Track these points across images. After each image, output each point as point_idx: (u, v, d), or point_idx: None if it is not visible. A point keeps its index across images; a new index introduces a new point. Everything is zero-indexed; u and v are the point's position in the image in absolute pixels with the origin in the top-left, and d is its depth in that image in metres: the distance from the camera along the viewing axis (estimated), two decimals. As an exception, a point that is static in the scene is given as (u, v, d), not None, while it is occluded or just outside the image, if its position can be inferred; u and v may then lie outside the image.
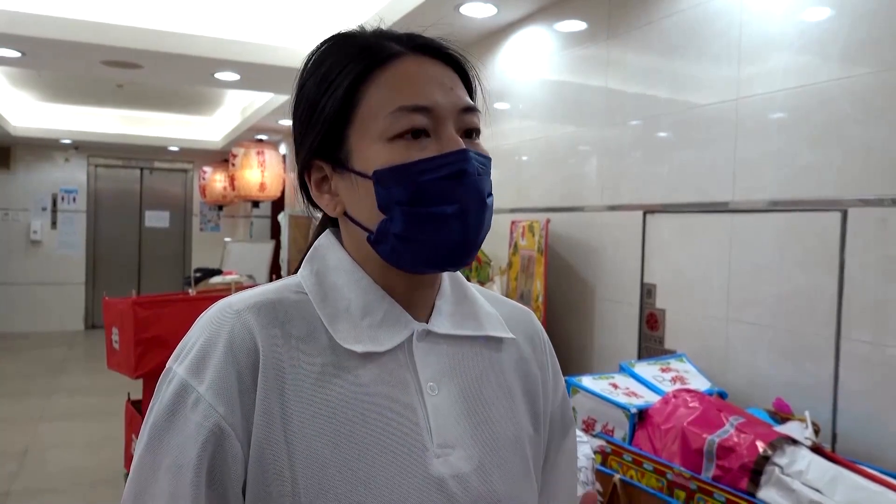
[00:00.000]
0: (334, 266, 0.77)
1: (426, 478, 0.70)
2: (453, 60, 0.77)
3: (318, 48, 0.78)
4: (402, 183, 0.70)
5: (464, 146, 0.72)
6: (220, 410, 0.66)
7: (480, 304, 0.83)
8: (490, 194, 0.75)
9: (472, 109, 0.76)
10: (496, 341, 0.82)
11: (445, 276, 0.82)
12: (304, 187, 0.80)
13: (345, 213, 0.76)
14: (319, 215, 0.83)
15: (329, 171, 0.76)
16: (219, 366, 0.68)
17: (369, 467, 0.69)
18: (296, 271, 0.81)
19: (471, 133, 0.76)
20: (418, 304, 0.78)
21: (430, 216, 0.70)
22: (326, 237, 0.80)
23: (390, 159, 0.71)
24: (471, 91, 0.79)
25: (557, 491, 0.88)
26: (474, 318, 0.81)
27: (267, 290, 0.76)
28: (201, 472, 0.66)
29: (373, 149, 0.72)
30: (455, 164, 0.71)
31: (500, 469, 0.75)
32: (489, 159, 0.76)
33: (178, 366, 0.70)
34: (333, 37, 0.78)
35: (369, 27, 0.79)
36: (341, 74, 0.73)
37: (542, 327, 0.91)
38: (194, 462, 0.66)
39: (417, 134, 0.71)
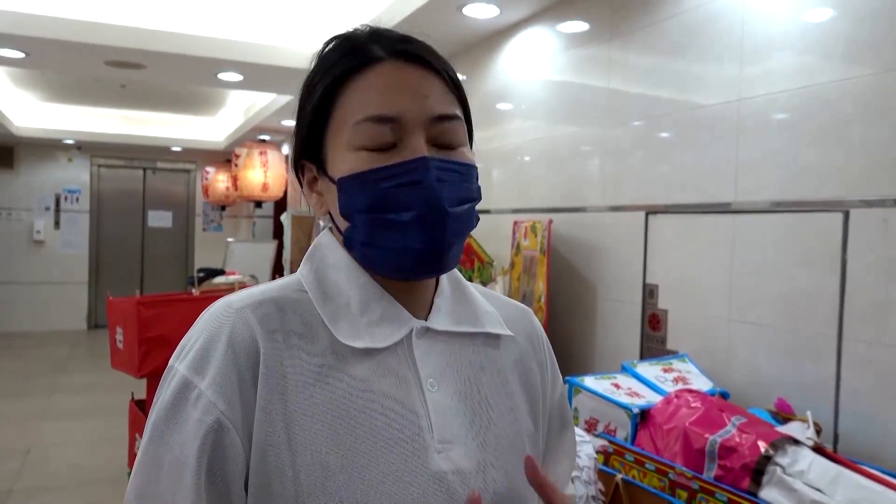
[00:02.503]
0: (333, 264, 0.78)
1: (427, 473, 0.71)
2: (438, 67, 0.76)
3: (321, 48, 0.79)
4: (361, 190, 0.71)
5: (425, 154, 0.71)
6: (221, 407, 0.67)
7: (479, 303, 0.84)
8: (465, 201, 0.73)
9: (445, 118, 0.73)
10: (494, 339, 0.83)
11: (443, 275, 0.83)
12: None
13: (329, 214, 0.78)
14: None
15: (316, 171, 0.78)
16: (219, 363, 0.69)
17: (370, 462, 0.69)
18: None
19: (444, 141, 0.73)
20: (417, 302, 0.78)
21: (387, 223, 0.71)
22: (326, 235, 0.81)
23: (353, 167, 0.72)
24: (462, 99, 0.78)
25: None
26: (473, 315, 0.82)
27: (267, 288, 0.77)
28: (202, 467, 0.67)
29: (340, 156, 0.73)
30: (411, 172, 0.70)
31: (500, 465, 0.76)
32: (464, 165, 0.74)
33: (179, 363, 0.71)
34: (332, 38, 0.79)
35: (372, 25, 0.80)
36: (323, 78, 0.75)
37: (540, 326, 0.92)
38: (195, 457, 0.67)
39: (384, 146, 0.71)
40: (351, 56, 0.74)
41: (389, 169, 0.71)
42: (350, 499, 0.68)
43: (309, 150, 0.77)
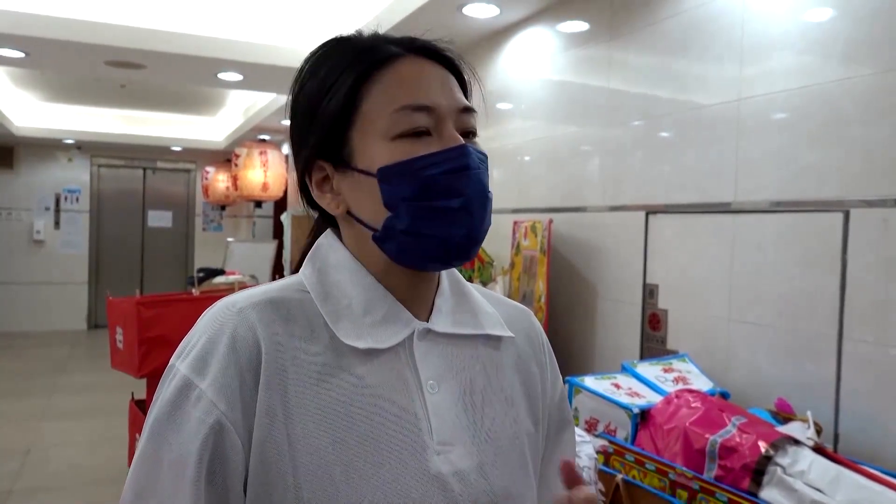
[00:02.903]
0: (335, 264, 0.77)
1: (426, 475, 0.71)
2: (450, 63, 0.79)
3: (316, 52, 0.79)
4: (407, 179, 0.72)
5: (464, 142, 0.74)
6: (222, 407, 0.67)
7: (479, 303, 0.84)
8: (488, 188, 0.77)
9: (469, 110, 0.77)
10: (495, 340, 0.83)
11: (444, 275, 0.83)
12: (304, 188, 0.81)
13: (348, 212, 0.77)
14: (316, 215, 0.84)
15: (330, 170, 0.77)
16: (221, 363, 0.69)
17: (370, 464, 0.69)
18: (296, 270, 0.82)
19: (468, 134, 0.77)
20: (418, 303, 0.78)
21: (436, 210, 0.72)
22: (327, 236, 0.81)
23: (394, 157, 0.72)
24: (466, 93, 0.80)
25: (553, 485, 0.89)
26: (473, 316, 0.82)
27: (269, 288, 0.76)
28: (202, 468, 0.66)
29: (376, 147, 0.73)
30: (458, 158, 0.72)
31: (499, 466, 0.76)
32: (486, 156, 0.78)
33: (180, 363, 0.71)
34: (331, 41, 0.79)
35: (367, 31, 0.80)
36: (342, 76, 0.75)
37: (540, 326, 0.92)
38: (195, 458, 0.66)
39: (420, 133, 0.73)
40: (368, 54, 0.75)
41: (436, 156, 0.72)
42: (350, 499, 0.68)
43: (324, 150, 0.77)
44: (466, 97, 0.80)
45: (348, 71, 0.74)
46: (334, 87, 0.75)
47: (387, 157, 0.72)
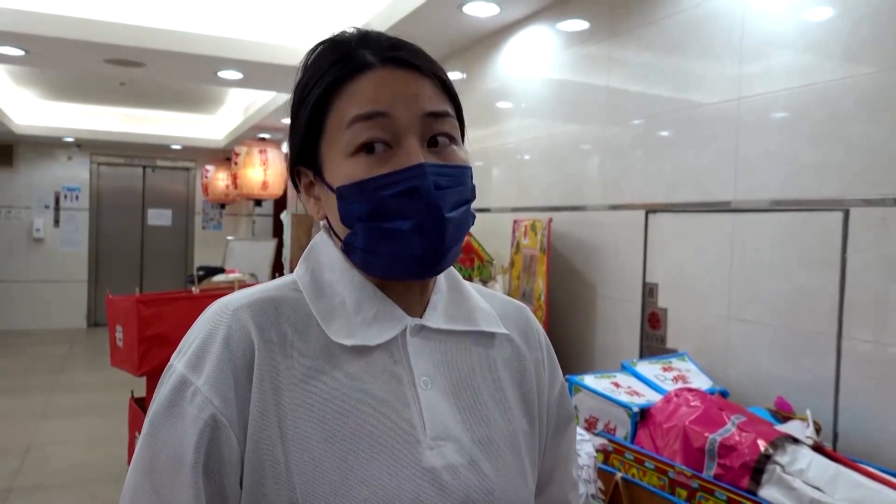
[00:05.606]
0: (328, 264, 0.78)
1: (419, 470, 0.72)
2: (427, 69, 0.76)
3: (310, 53, 0.80)
4: (361, 199, 0.72)
5: (421, 160, 0.71)
6: (216, 403, 0.68)
7: (475, 300, 0.84)
8: (461, 204, 0.74)
9: (438, 115, 0.74)
10: (489, 336, 0.83)
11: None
12: (297, 188, 0.83)
13: (326, 219, 0.79)
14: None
15: (312, 177, 0.79)
16: (216, 361, 0.70)
17: (363, 460, 0.70)
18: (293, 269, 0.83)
19: (437, 139, 0.74)
20: (413, 300, 0.79)
21: (388, 232, 0.71)
22: (321, 236, 0.82)
23: (351, 175, 0.72)
24: (452, 98, 0.78)
25: (554, 482, 0.89)
26: (468, 313, 0.82)
27: (264, 288, 0.78)
28: (198, 462, 0.68)
29: (337, 163, 0.74)
30: (409, 180, 0.71)
31: (493, 462, 0.76)
32: (459, 168, 0.75)
33: (178, 361, 0.72)
34: (322, 42, 0.80)
35: (361, 29, 0.80)
36: (315, 87, 0.75)
37: (537, 322, 0.92)
38: (191, 453, 0.68)
39: (374, 147, 0.71)
40: (342, 62, 0.75)
41: (388, 177, 0.71)
42: (343, 495, 0.68)
43: (305, 157, 0.78)
44: (455, 104, 0.78)
45: (320, 80, 0.75)
46: (308, 97, 0.76)
47: (344, 175, 0.72)
